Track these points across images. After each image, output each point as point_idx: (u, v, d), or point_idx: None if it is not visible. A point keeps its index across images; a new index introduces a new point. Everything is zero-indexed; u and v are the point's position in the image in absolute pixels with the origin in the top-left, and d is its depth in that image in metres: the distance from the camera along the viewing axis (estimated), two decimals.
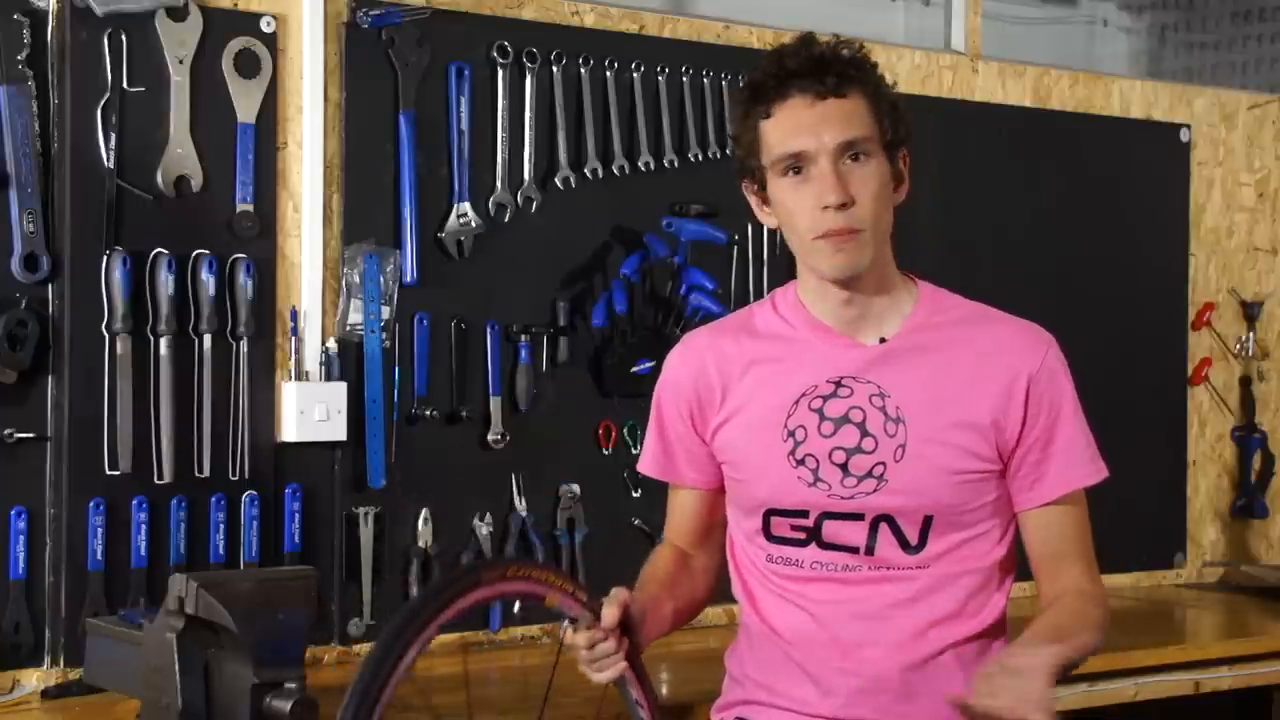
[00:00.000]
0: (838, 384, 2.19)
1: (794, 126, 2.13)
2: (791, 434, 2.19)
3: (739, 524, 2.29)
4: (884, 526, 2.17)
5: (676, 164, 3.64)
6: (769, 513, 2.22)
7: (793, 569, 2.21)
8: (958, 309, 2.24)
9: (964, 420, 2.15)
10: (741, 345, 2.27)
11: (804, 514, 2.20)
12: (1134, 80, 4.47)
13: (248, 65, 3.15)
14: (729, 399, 2.26)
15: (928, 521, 2.16)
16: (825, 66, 2.13)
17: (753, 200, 2.25)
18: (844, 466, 2.17)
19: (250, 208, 3.14)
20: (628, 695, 2.17)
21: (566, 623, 2.10)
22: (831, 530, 2.18)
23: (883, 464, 2.16)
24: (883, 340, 2.20)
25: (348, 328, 3.25)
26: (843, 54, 2.16)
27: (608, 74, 3.56)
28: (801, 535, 2.20)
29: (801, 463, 2.18)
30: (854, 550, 2.18)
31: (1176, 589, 4.40)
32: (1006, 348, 2.19)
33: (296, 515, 3.18)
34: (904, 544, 2.17)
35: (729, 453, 2.26)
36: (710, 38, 3.73)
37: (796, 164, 2.13)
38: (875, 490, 2.16)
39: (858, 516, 2.17)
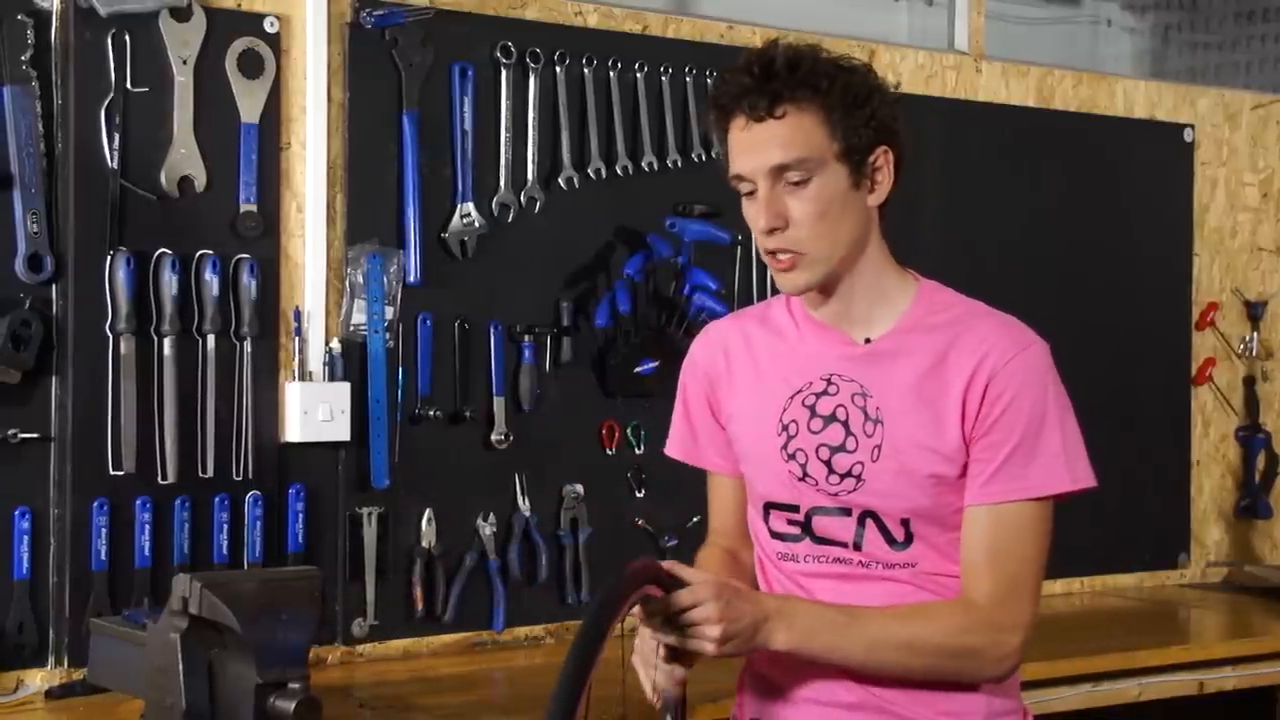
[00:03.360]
0: (829, 381, 2.20)
1: (737, 149, 2.15)
2: (785, 428, 2.21)
3: (751, 518, 2.31)
4: (870, 522, 2.18)
5: (680, 164, 3.64)
6: (768, 506, 2.25)
7: (792, 564, 2.22)
8: (953, 308, 2.22)
9: (938, 422, 2.14)
10: (753, 337, 2.29)
11: (795, 508, 2.21)
12: (1137, 80, 4.47)
13: (251, 65, 3.15)
14: (737, 389, 2.28)
15: (907, 521, 2.17)
16: (762, 87, 2.10)
17: None
18: (828, 464, 2.18)
19: (254, 208, 3.14)
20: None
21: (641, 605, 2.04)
22: (821, 525, 2.20)
23: (861, 463, 2.16)
24: (867, 340, 2.20)
25: (351, 328, 3.25)
26: (789, 67, 2.11)
27: (611, 74, 3.56)
28: (796, 530, 2.22)
29: (793, 457, 2.20)
30: (844, 545, 2.19)
31: (1180, 589, 4.40)
32: (984, 344, 2.16)
33: (300, 515, 3.18)
34: (890, 540, 2.17)
35: (736, 443, 2.30)
36: (714, 38, 3.73)
37: (742, 183, 2.16)
38: (855, 489, 2.17)
39: (845, 512, 2.18)
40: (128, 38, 3.01)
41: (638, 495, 3.57)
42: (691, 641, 2.01)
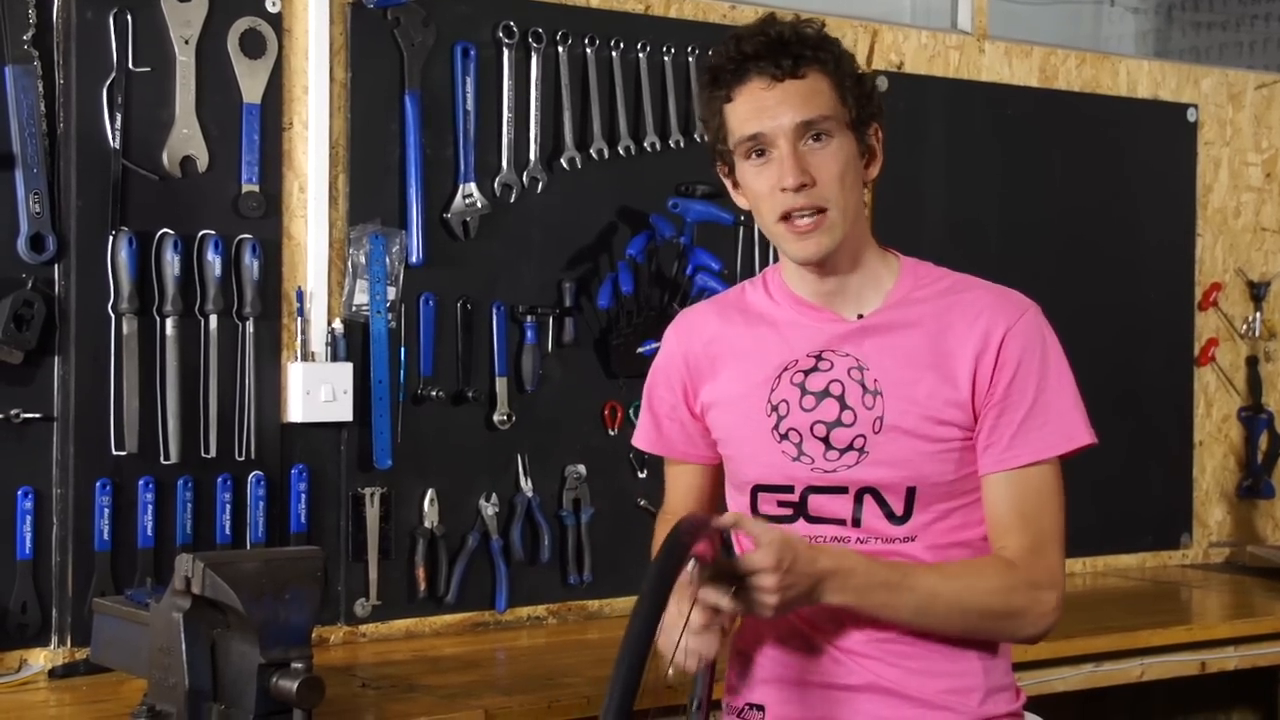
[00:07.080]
0: (818, 357, 2.20)
1: (753, 110, 2.14)
2: (775, 409, 2.20)
3: (734, 502, 2.30)
4: (868, 499, 2.17)
5: (682, 144, 3.63)
6: (756, 489, 2.23)
7: None
8: (941, 280, 2.24)
9: (941, 389, 2.15)
10: (732, 322, 2.29)
11: (789, 489, 2.20)
12: (1141, 60, 4.46)
13: (253, 45, 3.14)
14: (719, 375, 2.27)
15: (911, 493, 2.16)
16: (782, 48, 2.12)
17: (727, 183, 2.26)
18: (825, 440, 2.18)
19: (256, 188, 3.14)
20: (697, 684, 2.15)
21: (693, 565, 2.01)
22: (817, 504, 2.19)
23: (863, 436, 2.16)
24: (860, 316, 2.21)
25: (354, 308, 3.25)
26: (801, 34, 2.15)
27: (613, 54, 3.56)
28: (788, 511, 2.21)
29: (785, 437, 2.20)
30: (841, 522, 2.19)
31: (1183, 569, 4.40)
32: (985, 311, 2.17)
33: (303, 495, 3.18)
34: (889, 515, 2.17)
35: (719, 430, 2.29)
36: (716, 18, 3.72)
37: (758, 146, 2.14)
38: (856, 463, 2.17)
39: (841, 490, 2.18)
40: (129, 17, 3.01)
41: (640, 475, 3.57)
42: (748, 605, 1.99)
